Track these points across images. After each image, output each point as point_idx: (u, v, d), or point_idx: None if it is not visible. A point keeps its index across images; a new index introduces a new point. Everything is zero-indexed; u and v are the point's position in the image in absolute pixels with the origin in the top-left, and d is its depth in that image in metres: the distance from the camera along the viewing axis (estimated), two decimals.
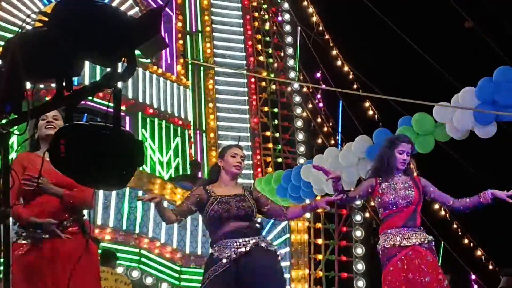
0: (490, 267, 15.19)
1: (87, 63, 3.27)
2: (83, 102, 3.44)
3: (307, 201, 11.24)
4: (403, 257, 5.57)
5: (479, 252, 15.40)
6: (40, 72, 3.13)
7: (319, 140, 15.32)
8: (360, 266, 13.59)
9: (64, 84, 3.09)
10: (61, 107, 3.60)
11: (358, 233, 13.79)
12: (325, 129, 15.44)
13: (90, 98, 3.34)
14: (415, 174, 6.02)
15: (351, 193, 5.80)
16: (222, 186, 5.35)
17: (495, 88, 8.82)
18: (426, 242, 5.66)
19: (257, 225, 5.28)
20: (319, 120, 15.58)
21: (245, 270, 5.00)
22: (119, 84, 3.09)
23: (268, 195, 11.05)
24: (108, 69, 3.02)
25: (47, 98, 3.86)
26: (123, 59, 3.04)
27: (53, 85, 3.04)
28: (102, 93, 3.46)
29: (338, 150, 10.83)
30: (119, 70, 3.07)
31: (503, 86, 8.78)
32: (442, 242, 13.97)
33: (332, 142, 15.12)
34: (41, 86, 10.28)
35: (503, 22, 12.90)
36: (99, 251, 5.82)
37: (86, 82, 10.39)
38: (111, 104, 3.02)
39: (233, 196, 5.26)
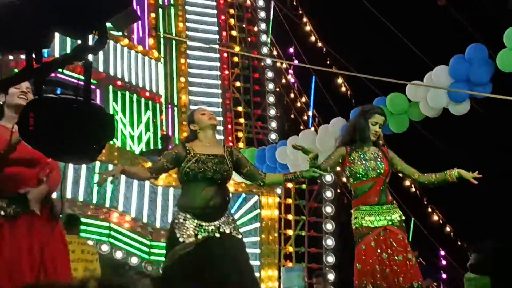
0: (459, 243, 15.41)
1: (57, 35, 3.21)
2: (53, 75, 3.39)
3: None
4: (376, 236, 5.55)
5: (448, 229, 15.60)
6: (10, 43, 3.07)
7: (292, 116, 15.33)
8: (329, 242, 13.70)
9: (33, 56, 3.04)
10: (30, 79, 3.54)
11: (329, 209, 13.88)
12: (298, 104, 15.43)
13: (60, 70, 3.30)
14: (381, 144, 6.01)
15: (322, 165, 5.72)
16: (202, 143, 5.23)
17: (468, 66, 8.87)
18: (397, 221, 5.67)
19: (227, 198, 5.20)
20: (292, 95, 15.56)
21: (207, 259, 4.86)
22: (90, 57, 3.05)
23: None
24: (79, 42, 2.98)
25: (16, 70, 3.80)
26: (94, 31, 2.99)
27: (23, 56, 2.99)
28: (72, 66, 3.41)
29: (313, 132, 10.77)
30: (90, 42, 3.03)
31: (476, 64, 8.84)
32: (412, 218, 14.11)
33: (305, 117, 15.14)
34: (10, 57, 10.12)
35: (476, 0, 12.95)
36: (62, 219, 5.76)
37: (57, 55, 10.25)
38: (82, 77, 2.98)
39: (212, 156, 5.13)
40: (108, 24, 2.98)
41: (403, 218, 5.75)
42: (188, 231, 4.94)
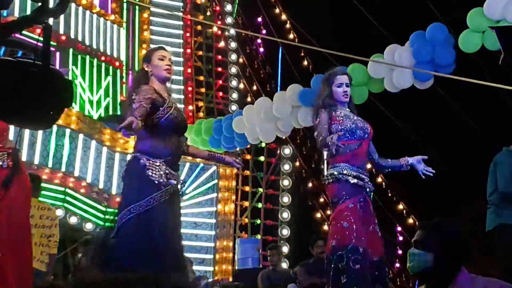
0: (411, 221, 15.62)
1: None
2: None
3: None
4: (361, 200, 5.31)
5: (401, 206, 15.80)
6: None
7: (254, 87, 15.28)
8: (285, 215, 13.78)
9: None
10: None
11: (286, 182, 13.94)
12: (261, 75, 15.38)
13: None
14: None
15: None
16: (159, 89, 4.86)
17: (432, 48, 8.94)
18: (370, 192, 5.50)
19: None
20: (256, 66, 15.49)
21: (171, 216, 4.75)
22: (50, 21, 2.98)
23: (201, 145, 11.01)
24: (39, 4, 2.91)
25: None
26: None
27: None
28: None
29: (268, 100, 10.69)
30: (51, 5, 2.96)
31: (439, 46, 8.91)
32: (372, 193, 14.25)
33: (268, 89, 15.10)
34: None
35: None
36: None
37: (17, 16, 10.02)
38: (41, 39, 2.92)
39: (172, 102, 4.91)
40: None
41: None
42: (160, 172, 4.70)
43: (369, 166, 5.83)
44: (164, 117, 4.75)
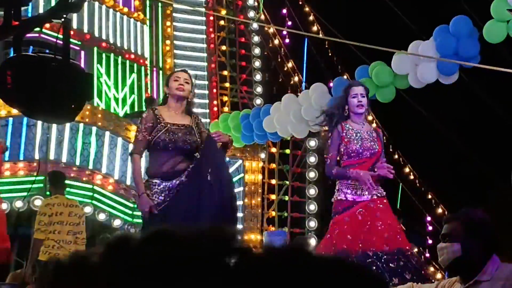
0: (440, 210, 15.52)
1: None
2: (37, 35, 3.36)
3: None
4: (361, 209, 5.58)
5: (429, 196, 15.71)
6: None
7: (279, 80, 15.25)
8: (312, 207, 13.75)
9: (12, 13, 3.01)
10: (8, 37, 3.51)
11: (312, 175, 13.90)
12: (285, 68, 15.34)
13: (38, 29, 3.27)
14: (374, 125, 6.05)
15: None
16: (170, 111, 5.30)
17: (455, 42, 8.86)
18: (380, 194, 5.69)
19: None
20: (279, 59, 15.45)
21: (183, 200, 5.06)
22: (71, 16, 3.02)
23: (234, 134, 11.15)
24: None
25: None
26: None
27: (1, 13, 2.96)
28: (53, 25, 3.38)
29: (294, 97, 10.72)
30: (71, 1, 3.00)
31: (463, 39, 8.84)
32: (401, 184, 14.18)
33: (292, 82, 15.07)
34: None
35: None
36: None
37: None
38: (61, 36, 2.96)
39: (181, 127, 5.23)
40: None
41: (384, 194, 5.79)
42: (157, 192, 5.12)
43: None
44: (156, 140, 5.18)
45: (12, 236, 10.98)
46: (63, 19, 2.92)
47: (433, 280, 5.37)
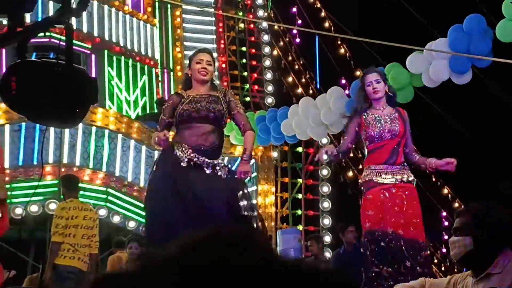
0: (457, 204, 15.45)
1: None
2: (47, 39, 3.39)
3: None
4: (384, 191, 5.59)
5: (445, 190, 15.64)
6: None
7: (290, 79, 15.25)
8: (326, 204, 13.75)
9: (15, 20, 3.04)
10: (13, 43, 3.54)
11: (325, 172, 13.90)
12: (296, 67, 15.34)
13: (48, 34, 3.30)
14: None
15: (342, 148, 5.75)
16: (195, 89, 5.25)
17: (468, 39, 8.82)
18: (406, 180, 5.71)
19: (222, 140, 5.24)
20: (290, 58, 15.45)
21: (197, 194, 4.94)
22: (73, 21, 3.04)
23: None
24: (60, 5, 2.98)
25: None
26: None
27: (4, 21, 2.99)
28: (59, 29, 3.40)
29: (312, 101, 10.72)
30: (73, 6, 3.02)
31: (476, 37, 8.79)
32: (415, 179, 14.14)
33: (303, 80, 15.07)
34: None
35: None
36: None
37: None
38: (63, 38, 2.98)
39: (205, 96, 5.18)
40: None
41: (413, 178, 5.81)
42: (184, 152, 5.02)
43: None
44: (179, 111, 5.11)
45: (28, 240, 11.09)
46: (65, 24, 2.93)
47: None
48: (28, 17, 9.71)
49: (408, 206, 5.59)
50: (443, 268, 13.97)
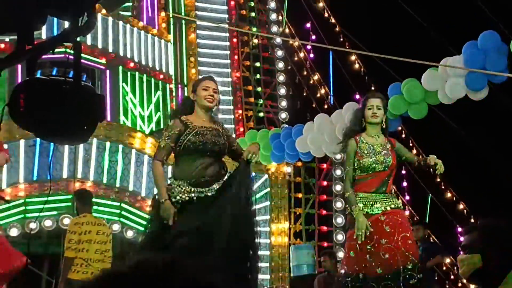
0: (472, 220, 15.36)
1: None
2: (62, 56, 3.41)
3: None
4: (370, 223, 5.62)
5: (461, 206, 15.55)
6: (2, 24, 3.10)
7: (304, 94, 15.26)
8: (339, 220, 13.72)
9: (24, 37, 3.07)
10: (22, 61, 3.58)
11: (338, 188, 13.87)
12: (311, 81, 15.35)
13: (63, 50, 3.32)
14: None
15: (349, 173, 5.82)
16: (198, 117, 5.27)
17: (483, 56, 8.82)
18: (395, 206, 5.73)
19: (225, 169, 5.28)
20: (304, 73, 15.45)
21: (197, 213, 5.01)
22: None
23: (263, 161, 11.25)
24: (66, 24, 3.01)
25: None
26: (84, 13, 3.03)
27: (7, 39, 3.02)
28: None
29: (327, 118, 10.73)
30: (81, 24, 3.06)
31: (491, 54, 8.79)
32: (430, 194, 14.09)
33: (318, 95, 15.07)
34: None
35: None
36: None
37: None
38: (71, 57, 3.02)
39: (209, 129, 5.23)
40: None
41: (400, 205, 5.84)
42: (181, 191, 5.07)
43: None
44: (186, 143, 5.13)
45: (42, 255, 11.14)
46: (74, 42, 2.97)
47: None
48: (44, 33, 9.89)
49: (396, 232, 5.60)
50: (459, 285, 13.85)
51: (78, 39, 3.09)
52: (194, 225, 4.85)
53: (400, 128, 12.24)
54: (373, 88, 13.83)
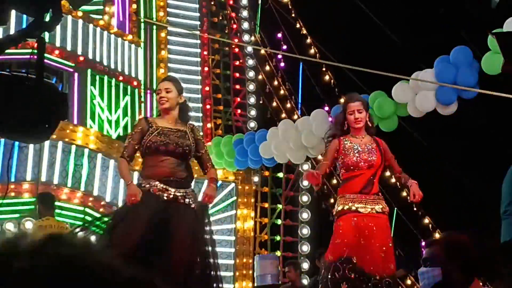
0: (437, 235, 15.44)
1: (13, 13, 3.17)
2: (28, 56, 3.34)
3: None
4: (356, 219, 5.61)
5: (426, 220, 15.62)
6: None
7: (274, 104, 15.22)
8: (305, 231, 13.69)
9: None
10: None
11: (305, 198, 13.85)
12: (281, 92, 15.32)
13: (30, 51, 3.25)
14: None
15: (321, 170, 5.73)
16: (164, 119, 5.29)
17: (455, 71, 8.89)
18: (380, 210, 5.70)
19: (191, 174, 5.26)
20: (275, 83, 15.42)
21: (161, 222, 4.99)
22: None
23: (227, 167, 11.16)
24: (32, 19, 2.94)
25: None
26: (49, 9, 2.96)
27: None
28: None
29: (292, 123, 10.72)
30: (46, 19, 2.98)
31: (462, 68, 8.87)
32: (395, 208, 14.13)
33: (288, 105, 15.05)
34: None
35: None
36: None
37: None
38: (35, 51, 2.95)
39: (174, 130, 5.21)
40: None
41: (387, 209, 5.80)
42: (152, 186, 5.08)
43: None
44: (147, 143, 5.14)
45: None
46: (37, 38, 2.89)
47: None
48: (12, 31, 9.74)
49: (376, 239, 5.57)
50: None
51: (47, 38, 3.02)
52: (153, 222, 4.84)
53: None
54: (342, 100, 13.85)
